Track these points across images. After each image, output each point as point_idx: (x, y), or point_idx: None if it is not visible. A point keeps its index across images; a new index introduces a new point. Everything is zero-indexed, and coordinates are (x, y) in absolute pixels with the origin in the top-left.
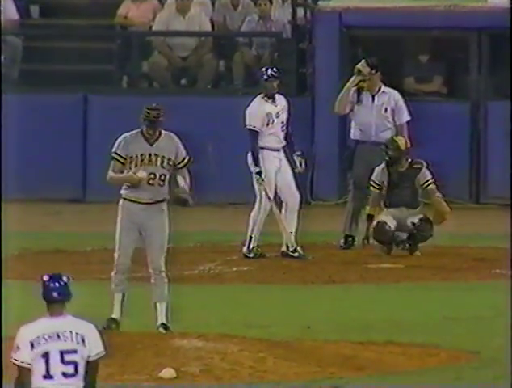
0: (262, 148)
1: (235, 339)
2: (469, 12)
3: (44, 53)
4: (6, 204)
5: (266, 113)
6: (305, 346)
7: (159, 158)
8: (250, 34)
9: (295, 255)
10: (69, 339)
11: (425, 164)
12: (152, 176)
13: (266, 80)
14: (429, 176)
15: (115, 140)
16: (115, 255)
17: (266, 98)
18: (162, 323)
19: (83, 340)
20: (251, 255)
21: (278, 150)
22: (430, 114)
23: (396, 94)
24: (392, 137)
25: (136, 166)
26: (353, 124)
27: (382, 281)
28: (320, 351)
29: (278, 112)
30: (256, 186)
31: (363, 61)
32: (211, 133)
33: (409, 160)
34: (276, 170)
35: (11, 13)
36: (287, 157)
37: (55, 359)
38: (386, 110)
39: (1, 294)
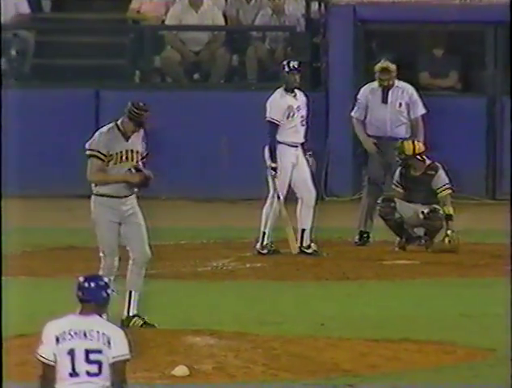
0: (281, 143)
1: (248, 337)
2: (486, 6)
3: (56, 48)
4: (17, 200)
5: (288, 106)
6: (319, 343)
7: (134, 154)
8: (264, 28)
9: (309, 251)
10: (95, 339)
11: (440, 168)
12: (129, 172)
13: (287, 72)
14: (443, 182)
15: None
16: (101, 255)
17: (287, 91)
18: (137, 315)
19: (109, 341)
20: (265, 252)
21: (296, 146)
22: (446, 109)
23: (410, 88)
24: (401, 142)
25: (115, 163)
26: (368, 119)
27: (397, 278)
28: (334, 348)
29: (298, 106)
30: (270, 180)
31: (383, 60)
32: (225, 128)
33: (426, 163)
34: (292, 166)
35: (23, 7)
36: (304, 153)
37: (80, 357)
38: (400, 105)
39: (1, 293)
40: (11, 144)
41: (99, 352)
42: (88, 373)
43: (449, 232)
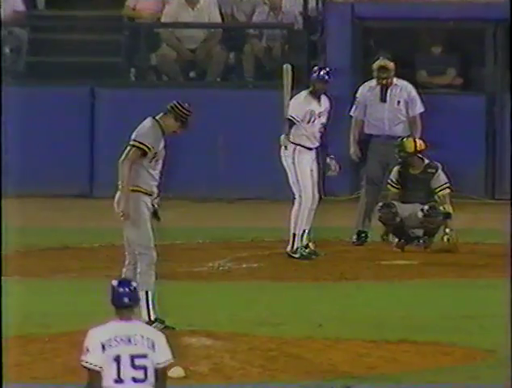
0: (297, 145)
1: (245, 338)
2: (485, 3)
3: (50, 45)
4: (12, 199)
5: (310, 110)
6: (317, 345)
7: (163, 152)
8: (261, 26)
9: (297, 256)
10: (139, 343)
11: (440, 167)
12: (161, 169)
13: (316, 79)
14: (442, 181)
15: (133, 128)
16: (141, 251)
17: (312, 95)
18: (158, 319)
19: (153, 345)
20: (297, 256)
21: (311, 149)
22: (444, 108)
23: (408, 85)
24: (401, 140)
25: (150, 161)
26: (366, 118)
27: (396, 278)
28: (331, 349)
29: (320, 112)
30: (293, 182)
31: (381, 58)
32: (221, 127)
33: (425, 162)
34: (310, 168)
35: (17, 4)
36: (317, 158)
37: (125, 363)
38: (399, 103)
39: (1, 293)
40: (5, 142)
41: (144, 356)
42: (134, 379)
43: (447, 230)
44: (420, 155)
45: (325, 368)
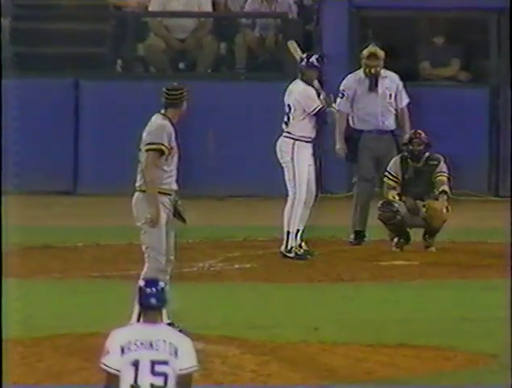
0: (297, 139)
1: (236, 342)
2: None
3: (33, 35)
4: None
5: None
6: (312, 349)
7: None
8: (253, 15)
9: (291, 255)
10: (161, 349)
11: (442, 159)
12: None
13: (305, 67)
14: (443, 170)
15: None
16: (151, 255)
17: (306, 83)
18: (172, 323)
19: (176, 352)
20: (291, 255)
21: (310, 142)
22: (447, 100)
23: (396, 77)
24: (414, 131)
25: (166, 159)
26: (354, 112)
27: (395, 279)
28: (328, 354)
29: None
30: (288, 178)
31: (371, 44)
32: (212, 121)
33: (427, 154)
34: (309, 164)
35: None
36: (314, 152)
37: (144, 368)
38: (390, 96)
39: (1, 293)
40: None
41: (165, 363)
42: (152, 386)
43: (445, 203)
44: (422, 147)
45: (320, 373)
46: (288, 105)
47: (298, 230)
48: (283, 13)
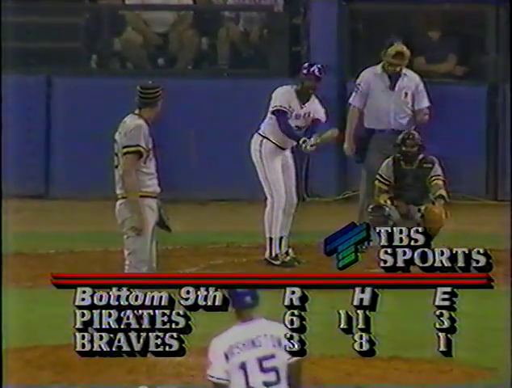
0: (264, 137)
1: None
2: None
3: (2, 29)
4: None
5: (289, 105)
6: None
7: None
8: (237, 8)
9: (277, 263)
10: (264, 344)
11: (436, 161)
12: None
13: (304, 75)
14: (438, 173)
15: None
16: (135, 264)
17: (298, 93)
18: None
19: (279, 342)
20: (278, 263)
21: (282, 149)
22: (443, 97)
23: (416, 77)
24: (408, 131)
25: (145, 162)
26: (367, 110)
27: (386, 288)
28: (316, 367)
29: (298, 115)
30: (265, 182)
31: (396, 43)
32: (193, 120)
33: (420, 156)
34: (282, 167)
35: None
36: (293, 156)
37: (253, 368)
38: (406, 95)
39: (1, 298)
40: None
41: (273, 357)
42: (265, 384)
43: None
44: (416, 148)
45: None
46: None
47: (282, 237)
48: (268, 6)
